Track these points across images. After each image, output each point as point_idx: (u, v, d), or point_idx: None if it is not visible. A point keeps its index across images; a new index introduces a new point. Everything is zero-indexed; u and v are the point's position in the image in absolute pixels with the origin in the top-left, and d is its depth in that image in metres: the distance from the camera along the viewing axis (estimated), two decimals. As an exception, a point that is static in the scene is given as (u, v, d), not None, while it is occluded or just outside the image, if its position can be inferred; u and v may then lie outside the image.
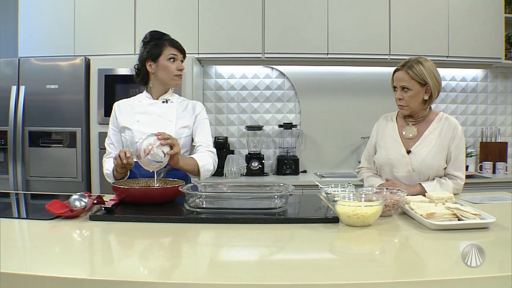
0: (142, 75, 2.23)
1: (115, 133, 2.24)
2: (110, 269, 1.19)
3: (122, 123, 2.20)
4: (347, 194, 1.73)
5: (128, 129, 2.18)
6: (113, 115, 2.25)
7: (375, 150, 2.37)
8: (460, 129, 2.20)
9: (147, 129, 2.10)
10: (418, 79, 2.13)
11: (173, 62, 2.18)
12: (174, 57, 2.18)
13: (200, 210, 1.72)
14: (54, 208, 1.66)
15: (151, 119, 2.19)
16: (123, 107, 2.25)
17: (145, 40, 2.22)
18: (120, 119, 2.21)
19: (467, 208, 1.57)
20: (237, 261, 1.29)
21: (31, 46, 3.74)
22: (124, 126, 2.19)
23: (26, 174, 3.46)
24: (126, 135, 2.19)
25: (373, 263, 1.25)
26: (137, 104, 2.23)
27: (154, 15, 3.73)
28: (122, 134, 2.21)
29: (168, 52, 2.16)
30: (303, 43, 3.78)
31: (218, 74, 4.20)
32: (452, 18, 3.84)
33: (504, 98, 4.38)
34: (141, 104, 2.23)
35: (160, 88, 2.24)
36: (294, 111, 4.22)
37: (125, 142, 2.20)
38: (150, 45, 2.18)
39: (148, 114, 2.21)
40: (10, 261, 1.15)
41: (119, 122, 2.21)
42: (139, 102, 2.24)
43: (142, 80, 2.25)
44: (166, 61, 2.16)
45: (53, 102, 3.45)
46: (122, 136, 2.22)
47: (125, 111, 2.23)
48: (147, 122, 2.18)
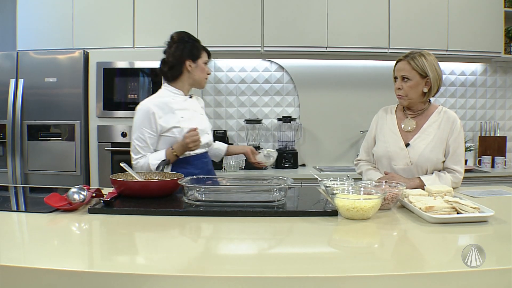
0: (175, 71, 2.31)
1: (152, 136, 2.22)
2: (108, 262, 1.20)
3: (167, 124, 2.22)
4: (346, 187, 1.73)
5: (176, 128, 2.23)
6: (150, 120, 2.22)
7: (374, 141, 2.37)
8: (459, 122, 2.20)
9: (191, 123, 2.24)
10: (419, 70, 2.14)
11: (206, 66, 2.37)
12: (207, 62, 2.38)
13: (199, 203, 1.72)
14: (52, 201, 1.66)
15: (190, 114, 2.31)
16: (160, 109, 2.23)
17: (183, 39, 2.32)
18: (162, 121, 2.22)
19: (466, 201, 1.57)
20: (236, 254, 1.29)
21: (29, 39, 3.72)
22: (172, 126, 2.22)
23: (24, 167, 3.46)
24: (175, 133, 2.23)
25: (372, 256, 1.25)
26: (172, 101, 2.28)
27: (153, 8, 3.71)
28: (167, 133, 2.23)
29: (205, 57, 2.35)
30: (302, 36, 3.77)
31: (217, 68, 4.19)
32: (451, 12, 3.83)
33: (503, 92, 4.37)
34: (176, 101, 2.29)
35: (189, 86, 2.37)
36: (293, 105, 4.22)
37: (174, 140, 2.22)
38: (189, 45, 2.31)
39: (186, 110, 2.31)
40: (9, 254, 1.15)
41: (163, 125, 2.22)
42: (173, 99, 2.29)
43: (173, 75, 2.32)
44: (203, 64, 2.33)
45: (52, 96, 3.43)
46: (166, 135, 2.23)
47: (164, 112, 2.23)
48: (189, 117, 2.29)
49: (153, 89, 3.44)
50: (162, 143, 2.24)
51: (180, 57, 2.29)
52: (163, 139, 2.24)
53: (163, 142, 2.24)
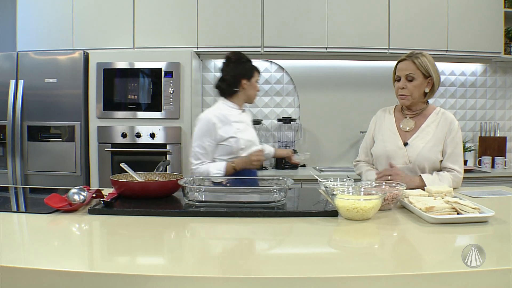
0: (232, 88, 2.56)
1: (211, 144, 2.46)
2: (109, 263, 1.19)
3: (225, 134, 2.46)
4: (346, 188, 1.73)
5: (233, 138, 2.47)
6: (210, 129, 2.45)
7: (373, 142, 2.38)
8: (456, 123, 2.22)
9: (245, 135, 2.54)
10: (423, 69, 2.16)
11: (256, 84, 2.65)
12: (258, 80, 2.65)
13: (199, 203, 1.72)
14: (53, 202, 1.66)
15: (244, 126, 2.58)
16: (220, 121, 2.47)
17: (241, 60, 2.58)
18: (222, 131, 2.46)
19: (466, 202, 1.57)
20: (236, 254, 1.29)
21: (29, 40, 3.72)
22: (230, 136, 2.47)
23: (25, 168, 3.46)
24: (231, 143, 2.47)
25: (372, 257, 1.25)
26: (230, 114, 2.53)
27: (153, 9, 3.71)
28: (224, 142, 2.46)
29: (257, 76, 2.64)
30: (302, 37, 3.77)
31: (217, 68, 4.18)
32: (451, 12, 3.83)
33: (503, 92, 4.37)
34: (232, 114, 2.54)
35: (243, 101, 2.63)
36: (293, 105, 4.22)
37: (230, 149, 2.47)
38: (247, 65, 2.59)
39: (241, 122, 2.57)
40: (9, 255, 1.15)
41: (222, 135, 2.45)
42: (230, 112, 2.54)
43: (230, 92, 2.58)
44: (255, 82, 2.61)
45: (52, 96, 3.44)
46: (223, 144, 2.46)
47: (223, 123, 2.47)
48: (243, 129, 2.55)
49: (153, 90, 3.45)
50: (219, 150, 2.47)
51: (237, 76, 2.54)
52: (220, 147, 2.47)
53: (219, 150, 2.47)
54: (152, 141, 3.45)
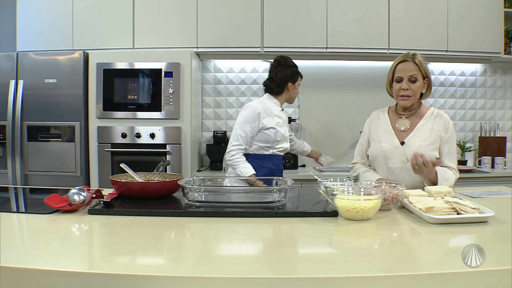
0: (279, 88, 2.88)
1: (253, 130, 2.76)
2: (109, 263, 1.19)
3: (268, 124, 2.77)
4: (346, 188, 1.73)
5: (273, 128, 2.79)
6: (254, 117, 2.75)
7: (368, 144, 2.38)
8: (451, 123, 2.25)
9: (282, 130, 2.85)
10: (422, 71, 2.19)
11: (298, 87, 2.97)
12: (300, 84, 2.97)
13: (199, 204, 1.72)
14: (53, 202, 1.66)
15: (282, 122, 2.88)
16: (264, 111, 2.78)
17: (289, 64, 2.89)
18: (265, 121, 2.77)
19: (466, 202, 1.57)
20: (236, 254, 1.29)
21: (29, 40, 3.73)
22: (270, 126, 2.78)
23: (24, 168, 3.46)
24: (270, 132, 2.78)
25: (371, 257, 1.25)
26: (272, 108, 2.84)
27: (153, 9, 3.72)
28: (265, 131, 2.77)
29: (300, 80, 2.96)
30: (302, 37, 3.77)
31: (217, 68, 4.19)
32: (451, 12, 3.83)
33: (503, 92, 4.37)
34: (275, 109, 2.86)
35: (284, 100, 2.95)
36: (293, 105, 4.21)
37: (268, 138, 2.78)
38: (293, 70, 2.90)
39: (281, 118, 2.88)
40: (9, 255, 1.15)
41: (264, 124, 2.76)
42: (273, 106, 2.85)
43: (277, 91, 2.89)
44: (297, 86, 2.94)
45: (52, 96, 3.44)
46: (264, 132, 2.77)
47: (267, 114, 2.79)
48: (281, 124, 2.86)
49: (153, 90, 3.45)
50: (258, 137, 2.78)
51: (285, 78, 2.86)
52: (260, 134, 2.78)
53: (259, 136, 2.78)
54: (152, 141, 3.45)
